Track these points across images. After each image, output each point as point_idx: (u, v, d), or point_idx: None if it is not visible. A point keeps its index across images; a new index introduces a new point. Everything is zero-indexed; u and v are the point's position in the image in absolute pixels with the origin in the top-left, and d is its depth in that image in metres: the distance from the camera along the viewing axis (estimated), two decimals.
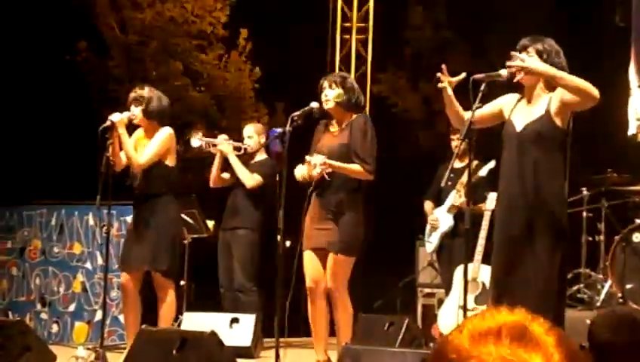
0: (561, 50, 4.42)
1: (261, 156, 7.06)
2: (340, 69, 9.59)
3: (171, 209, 5.79)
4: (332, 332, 5.59)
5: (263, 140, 7.08)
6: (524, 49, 4.38)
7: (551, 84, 4.36)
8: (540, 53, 4.35)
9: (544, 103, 4.36)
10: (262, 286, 6.87)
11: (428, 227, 6.94)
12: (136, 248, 5.69)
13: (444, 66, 4.48)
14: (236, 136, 7.21)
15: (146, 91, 5.79)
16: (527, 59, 4.27)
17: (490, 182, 6.20)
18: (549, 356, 1.14)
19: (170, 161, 5.78)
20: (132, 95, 5.80)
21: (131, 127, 5.82)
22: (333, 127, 5.46)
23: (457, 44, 11.08)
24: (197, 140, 6.77)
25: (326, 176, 5.24)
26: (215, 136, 6.99)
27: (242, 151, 6.96)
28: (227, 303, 6.92)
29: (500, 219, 4.51)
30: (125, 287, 5.75)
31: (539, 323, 1.18)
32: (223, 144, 6.83)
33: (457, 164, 6.49)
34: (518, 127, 4.41)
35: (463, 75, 4.44)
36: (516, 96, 4.51)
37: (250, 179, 6.85)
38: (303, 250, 5.39)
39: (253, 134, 7.08)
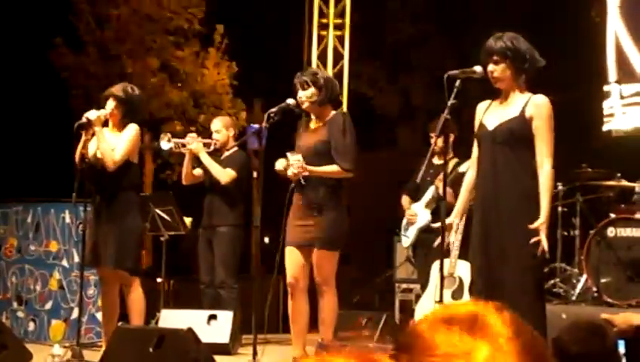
0: (521, 38, 4.41)
1: (231, 150, 7.03)
2: (317, 66, 9.59)
3: (134, 206, 5.81)
4: (311, 328, 5.60)
5: (231, 133, 7.07)
6: (490, 56, 4.38)
7: (523, 73, 4.39)
8: (504, 55, 4.37)
9: (520, 105, 4.39)
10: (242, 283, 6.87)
11: (404, 221, 6.96)
12: (101, 246, 5.68)
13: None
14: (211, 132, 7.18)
15: (126, 91, 5.77)
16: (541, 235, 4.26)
17: None
18: (498, 346, 1.14)
19: (134, 158, 5.79)
20: (110, 91, 5.77)
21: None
22: (313, 124, 5.48)
23: (436, 38, 11.12)
24: (166, 143, 6.73)
25: (302, 180, 5.26)
26: (187, 134, 6.95)
27: (212, 148, 6.94)
28: (207, 300, 6.91)
29: (476, 217, 4.54)
30: (104, 281, 5.78)
31: (501, 315, 1.19)
32: (193, 143, 6.81)
33: (437, 161, 6.51)
34: (491, 127, 4.45)
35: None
36: (487, 102, 4.55)
37: (224, 175, 6.83)
38: (285, 245, 5.40)
39: (221, 128, 7.06)
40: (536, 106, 4.34)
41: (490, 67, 4.39)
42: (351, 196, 5.49)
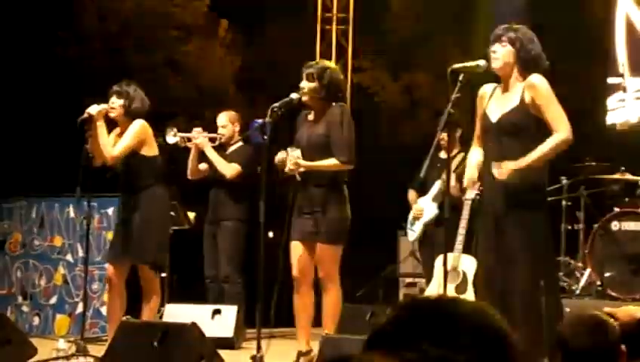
0: (534, 36, 4.44)
1: (237, 144, 7.04)
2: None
3: (157, 200, 5.80)
4: (316, 323, 5.61)
5: (237, 128, 7.08)
6: (498, 39, 4.41)
7: (525, 72, 4.39)
8: (512, 42, 4.38)
9: (518, 92, 4.40)
10: (246, 277, 6.88)
11: (411, 215, 6.96)
12: (122, 241, 5.71)
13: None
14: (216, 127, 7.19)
15: (131, 89, 5.79)
16: (502, 171, 4.29)
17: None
18: None
19: (148, 151, 5.78)
20: (115, 88, 5.80)
21: (111, 125, 5.82)
22: (312, 116, 5.47)
23: (439, 33, 11.11)
24: (172, 137, 6.73)
25: (297, 177, 5.26)
26: (193, 128, 6.96)
27: (218, 142, 6.95)
28: (212, 295, 6.92)
29: (483, 209, 4.55)
30: (111, 279, 5.77)
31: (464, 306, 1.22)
32: (199, 138, 6.82)
33: (443, 155, 6.51)
34: (494, 118, 4.44)
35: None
36: (492, 85, 4.54)
37: (229, 169, 6.84)
38: (289, 240, 5.40)
39: (227, 123, 7.06)
40: (532, 87, 4.35)
41: (495, 47, 4.38)
42: (356, 190, 5.49)
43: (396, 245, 8.17)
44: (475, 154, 4.60)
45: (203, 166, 6.94)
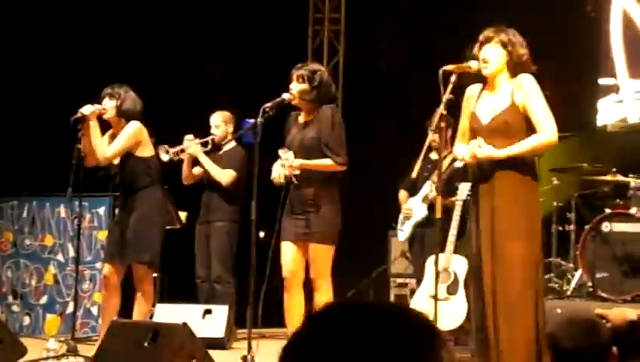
0: (524, 40, 4.46)
1: (229, 145, 7.02)
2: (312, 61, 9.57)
3: (153, 200, 5.80)
4: None
5: (230, 129, 7.06)
6: (488, 40, 4.41)
7: (513, 75, 4.40)
8: (504, 44, 4.39)
9: (507, 93, 4.41)
10: (238, 278, 6.86)
11: (401, 216, 6.97)
12: (119, 241, 5.71)
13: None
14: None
15: (123, 90, 5.80)
16: (479, 151, 4.31)
17: (465, 173, 6.24)
18: None
19: (143, 152, 5.78)
20: (107, 90, 5.80)
21: (104, 126, 5.81)
22: (302, 118, 5.46)
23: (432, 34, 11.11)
24: (165, 155, 6.66)
25: (294, 180, 5.25)
26: (184, 137, 6.88)
27: (210, 145, 6.91)
28: (203, 295, 6.91)
29: (473, 211, 4.55)
30: (108, 279, 5.76)
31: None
32: (191, 147, 6.79)
33: (434, 156, 6.52)
34: (485, 119, 4.45)
35: None
36: (478, 86, 4.55)
37: (225, 177, 6.82)
38: (280, 241, 5.39)
39: (220, 123, 7.04)
40: (520, 87, 4.37)
41: (487, 48, 4.39)
42: (346, 189, 5.48)
43: (387, 245, 8.17)
44: (462, 148, 4.59)
45: (197, 170, 6.93)
